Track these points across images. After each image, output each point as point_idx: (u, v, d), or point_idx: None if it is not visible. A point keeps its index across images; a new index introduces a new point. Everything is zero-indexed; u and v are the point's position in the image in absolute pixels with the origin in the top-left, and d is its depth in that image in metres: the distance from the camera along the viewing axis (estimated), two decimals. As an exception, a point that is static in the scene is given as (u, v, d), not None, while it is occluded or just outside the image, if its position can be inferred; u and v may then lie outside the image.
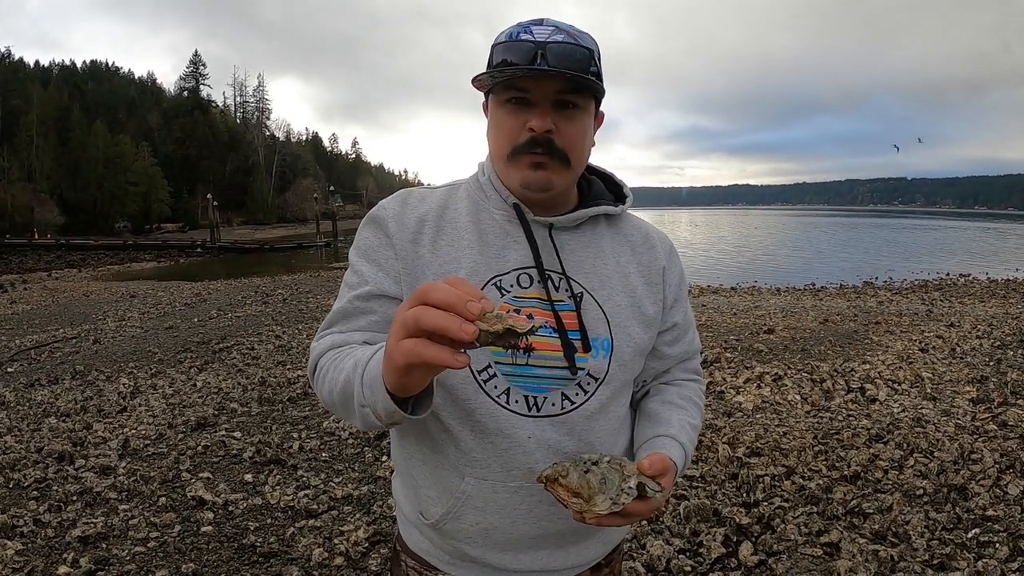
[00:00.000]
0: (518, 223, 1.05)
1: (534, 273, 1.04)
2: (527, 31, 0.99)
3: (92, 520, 3.32)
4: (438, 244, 1.05)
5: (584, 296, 1.05)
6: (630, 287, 1.10)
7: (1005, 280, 17.34)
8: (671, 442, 1.06)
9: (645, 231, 1.17)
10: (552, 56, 0.96)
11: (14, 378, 6.79)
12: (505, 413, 1.01)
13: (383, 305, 1.04)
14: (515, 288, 1.03)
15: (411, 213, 1.07)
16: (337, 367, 0.94)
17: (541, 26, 0.99)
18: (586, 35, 1.02)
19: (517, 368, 1.01)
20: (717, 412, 4.80)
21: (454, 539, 1.07)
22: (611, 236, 1.13)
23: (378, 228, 1.07)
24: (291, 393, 5.64)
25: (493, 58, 1.01)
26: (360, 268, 1.06)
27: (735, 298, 12.89)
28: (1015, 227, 71.23)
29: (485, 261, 1.03)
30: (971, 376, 5.53)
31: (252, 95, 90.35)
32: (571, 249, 1.07)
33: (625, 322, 1.08)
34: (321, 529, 3.22)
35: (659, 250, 1.16)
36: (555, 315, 1.02)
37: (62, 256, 33.62)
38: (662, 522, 3.11)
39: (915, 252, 31.72)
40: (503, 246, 1.05)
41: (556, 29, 0.99)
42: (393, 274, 1.04)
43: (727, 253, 32.41)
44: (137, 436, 4.60)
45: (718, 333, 7.81)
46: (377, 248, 1.06)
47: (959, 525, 3.00)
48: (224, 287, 16.74)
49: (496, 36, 1.03)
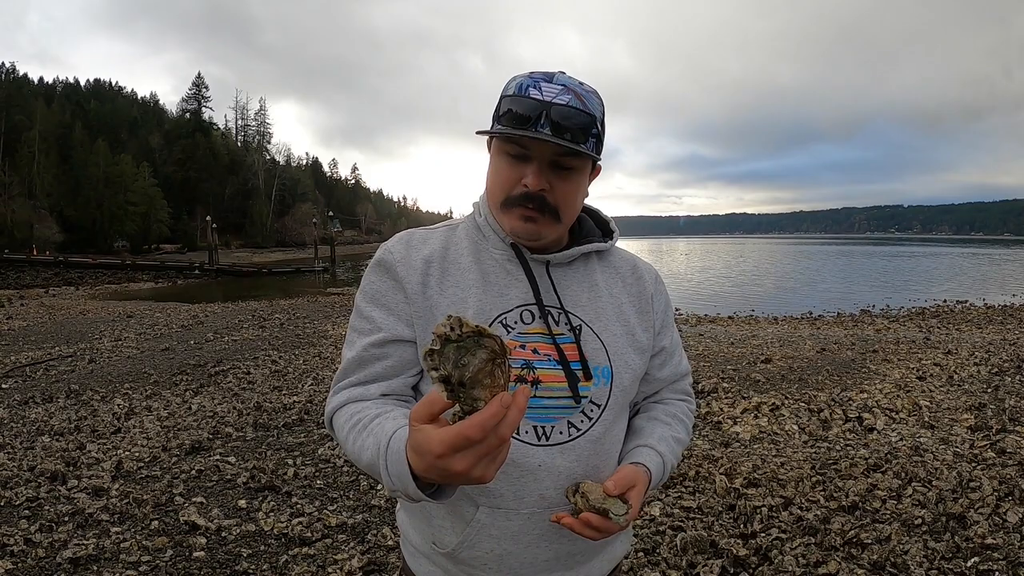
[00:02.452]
0: (517, 262, 1.11)
1: (535, 309, 1.09)
2: (536, 86, 1.01)
3: (83, 542, 3.28)
4: (444, 285, 1.09)
5: (583, 328, 1.11)
6: (623, 317, 1.16)
7: (1002, 306, 17.42)
8: (647, 451, 1.13)
9: (633, 263, 1.24)
10: (555, 118, 0.99)
11: (8, 395, 6.73)
12: (516, 444, 1.05)
13: (398, 349, 1.08)
14: (519, 324, 1.08)
15: (416, 255, 1.10)
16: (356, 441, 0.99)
17: (551, 84, 1.02)
18: (594, 96, 1.06)
19: None
20: (714, 443, 4.78)
21: (469, 566, 1.11)
22: (602, 270, 1.19)
23: (386, 273, 1.10)
24: (287, 419, 5.60)
25: (500, 107, 1.05)
26: (371, 314, 1.10)
27: (732, 327, 12.89)
28: (1011, 253, 71.61)
29: (490, 300, 1.08)
30: (969, 403, 5.53)
31: (254, 119, 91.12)
32: (567, 284, 1.13)
33: (622, 350, 1.14)
34: (315, 557, 3.18)
35: (647, 279, 1.23)
36: (557, 348, 1.08)
37: (60, 273, 33.59)
38: (659, 554, 3.08)
39: (912, 280, 31.81)
40: (505, 284, 1.10)
41: (564, 89, 1.02)
42: (405, 318, 1.08)
43: (723, 282, 32.48)
44: (131, 458, 4.56)
45: (715, 363, 7.80)
46: (387, 293, 1.09)
47: (958, 554, 2.97)
48: (221, 310, 16.70)
49: (507, 83, 1.07)
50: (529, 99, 1.00)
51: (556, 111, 0.99)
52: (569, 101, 1.00)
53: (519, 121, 1.00)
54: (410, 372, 1.10)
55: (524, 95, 1.01)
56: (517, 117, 1.00)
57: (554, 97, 1.00)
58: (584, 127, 1.01)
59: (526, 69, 1.09)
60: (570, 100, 1.00)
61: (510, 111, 1.02)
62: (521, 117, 1.00)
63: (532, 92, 1.01)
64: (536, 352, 1.07)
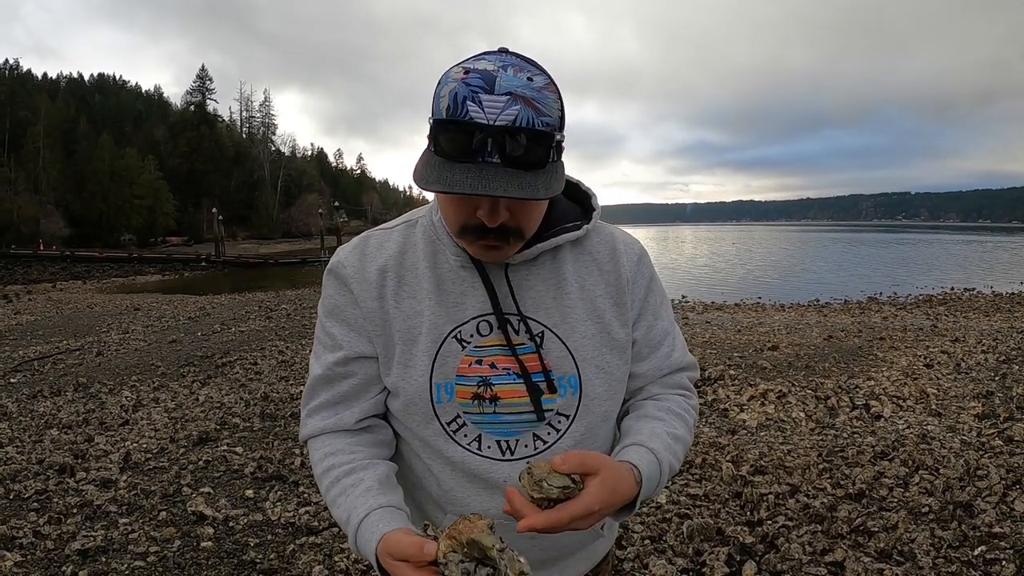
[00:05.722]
0: (472, 267, 1.01)
1: (493, 319, 1.00)
2: (475, 99, 0.81)
3: (92, 533, 3.31)
4: (400, 297, 1.03)
5: (545, 334, 1.01)
6: (597, 314, 1.04)
7: (1010, 294, 17.32)
8: (635, 448, 0.97)
9: (612, 244, 1.09)
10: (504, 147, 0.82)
11: (17, 389, 6.79)
12: (478, 459, 1.03)
13: (362, 367, 1.05)
14: (475, 337, 1.01)
15: (371, 266, 1.04)
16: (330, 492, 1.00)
17: (492, 95, 0.81)
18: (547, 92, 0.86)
19: (485, 416, 1.02)
20: (721, 430, 4.77)
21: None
22: (575, 259, 1.05)
23: (342, 286, 1.05)
24: (293, 409, 5.63)
25: (433, 135, 0.86)
26: (331, 330, 1.06)
27: (739, 315, 12.86)
28: (1018, 240, 71.13)
29: (444, 312, 1.01)
30: (976, 391, 5.50)
31: (258, 110, 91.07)
32: (529, 286, 1.02)
33: (593, 354, 1.03)
34: (322, 546, 3.20)
35: (624, 261, 1.07)
36: (517, 360, 1.00)
37: (67, 268, 33.77)
38: (665, 541, 3.08)
39: (919, 267, 31.67)
40: (460, 293, 1.01)
41: (511, 98, 0.81)
42: (365, 335, 1.04)
43: (730, 269, 32.40)
44: (139, 450, 4.59)
45: (722, 350, 7.78)
46: (344, 307, 1.05)
47: (965, 542, 2.96)
48: (228, 301, 16.77)
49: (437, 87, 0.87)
50: (468, 123, 0.81)
51: (505, 137, 0.82)
52: (518, 116, 0.81)
53: (459, 153, 0.83)
54: (377, 388, 1.06)
55: (461, 116, 0.82)
56: (457, 149, 0.83)
57: (499, 114, 0.81)
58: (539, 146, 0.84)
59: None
60: (519, 114, 0.81)
61: (448, 140, 0.84)
62: (461, 149, 0.82)
63: (471, 109, 0.81)
64: (494, 367, 1.00)
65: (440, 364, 1.00)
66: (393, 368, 1.03)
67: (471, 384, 1.00)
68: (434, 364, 1.00)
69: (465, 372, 1.01)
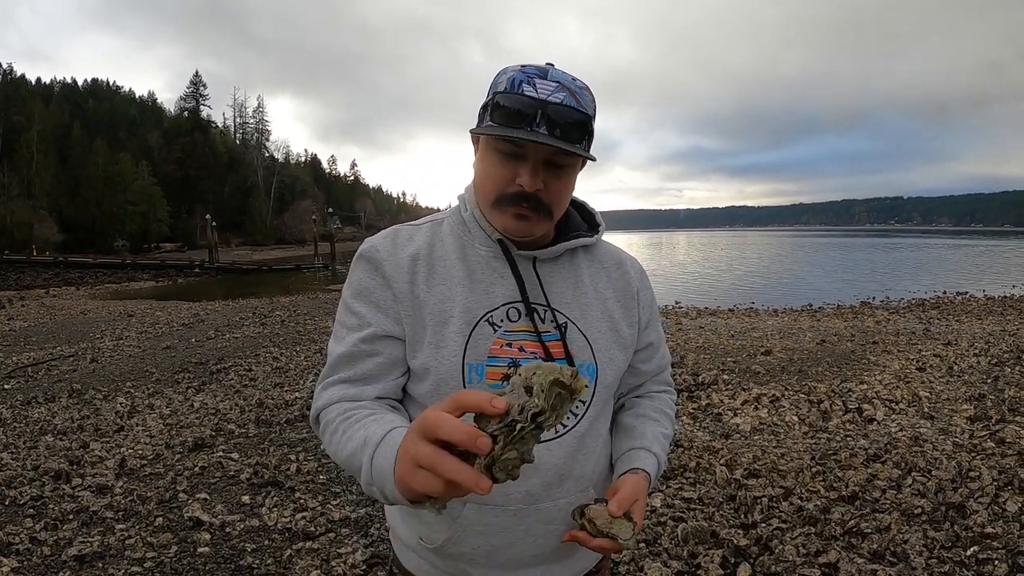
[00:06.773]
0: (504, 259, 1.10)
1: (521, 307, 1.09)
2: (530, 83, 0.98)
3: (88, 539, 3.31)
4: (432, 283, 1.08)
5: (568, 326, 1.11)
6: (608, 312, 1.16)
7: (1002, 297, 17.43)
8: (644, 454, 1.16)
9: (618, 257, 1.23)
10: (552, 117, 0.97)
11: (11, 395, 6.76)
12: None
13: (388, 346, 1.07)
14: (505, 322, 1.07)
15: (402, 253, 1.09)
16: (346, 432, 0.96)
17: (545, 81, 0.99)
18: (586, 92, 1.03)
19: None
20: (715, 434, 4.80)
21: (457, 561, 1.12)
22: (588, 264, 1.18)
23: (374, 270, 1.09)
24: (289, 415, 5.62)
25: (492, 104, 1.01)
26: (358, 310, 1.08)
27: (732, 320, 12.90)
28: (1010, 244, 71.50)
29: (476, 298, 1.07)
30: (968, 394, 5.54)
31: (252, 116, 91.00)
32: (553, 281, 1.12)
33: (606, 347, 1.14)
34: (319, 551, 3.20)
35: (632, 274, 1.22)
36: (543, 345, 1.08)
37: (60, 273, 33.55)
38: (660, 544, 3.10)
39: (911, 271, 31.79)
40: (491, 282, 1.09)
41: (559, 86, 0.99)
42: (394, 315, 1.07)
43: (723, 274, 32.47)
44: (134, 456, 4.58)
45: (715, 355, 7.81)
46: (374, 290, 1.08)
47: (958, 543, 2.99)
48: (222, 308, 16.71)
49: (496, 76, 1.04)
50: (524, 96, 0.97)
51: (552, 110, 0.97)
52: (564, 99, 0.98)
53: (514, 119, 0.97)
54: (400, 371, 1.09)
55: (518, 92, 0.98)
56: (512, 115, 0.97)
57: (549, 95, 0.97)
58: (579, 126, 0.99)
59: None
60: (565, 98, 0.98)
61: (504, 108, 0.98)
62: (516, 115, 0.97)
63: (526, 89, 0.98)
64: (522, 350, 1.07)
65: (473, 346, 1.05)
66: (424, 348, 1.05)
67: (501, 365, 1.05)
68: (467, 345, 1.05)
69: (497, 353, 1.06)
